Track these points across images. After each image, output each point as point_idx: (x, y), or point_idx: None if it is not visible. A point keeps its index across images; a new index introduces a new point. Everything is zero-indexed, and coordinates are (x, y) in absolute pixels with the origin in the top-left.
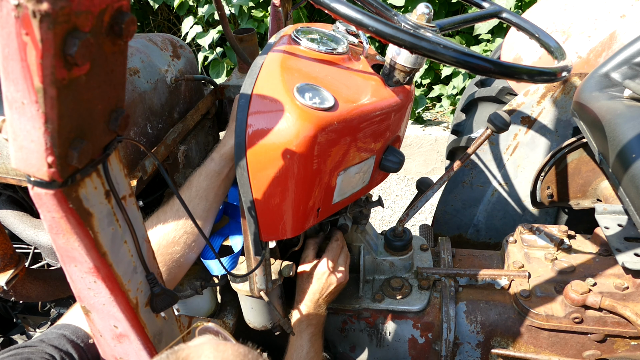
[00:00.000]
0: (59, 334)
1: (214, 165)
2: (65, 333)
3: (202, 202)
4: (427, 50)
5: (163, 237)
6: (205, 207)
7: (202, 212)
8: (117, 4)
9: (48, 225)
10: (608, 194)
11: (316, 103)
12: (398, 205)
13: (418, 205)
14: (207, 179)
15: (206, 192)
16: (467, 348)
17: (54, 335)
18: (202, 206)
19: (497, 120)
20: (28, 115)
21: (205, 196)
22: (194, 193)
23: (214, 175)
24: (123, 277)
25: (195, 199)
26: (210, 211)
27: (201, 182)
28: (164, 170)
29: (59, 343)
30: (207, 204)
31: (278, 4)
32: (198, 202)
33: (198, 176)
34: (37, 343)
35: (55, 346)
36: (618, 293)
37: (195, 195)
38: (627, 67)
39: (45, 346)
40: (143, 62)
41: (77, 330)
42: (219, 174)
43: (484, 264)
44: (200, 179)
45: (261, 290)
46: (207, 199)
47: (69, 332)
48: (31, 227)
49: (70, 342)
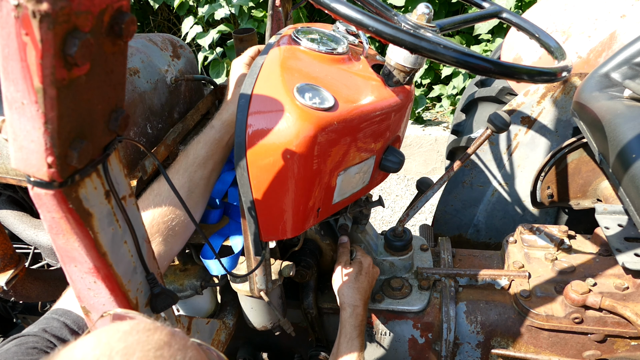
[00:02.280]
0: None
1: (214, 132)
2: (67, 322)
3: (200, 169)
4: (427, 50)
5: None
6: (203, 174)
7: (199, 180)
8: (117, 4)
9: (48, 225)
10: (608, 194)
11: (316, 103)
12: (398, 205)
13: (418, 205)
14: (206, 146)
15: (205, 160)
16: (467, 348)
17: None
18: (200, 174)
19: (497, 120)
20: (28, 115)
21: (203, 164)
22: (191, 161)
23: (214, 143)
24: (123, 277)
25: (192, 167)
26: (209, 179)
27: (199, 150)
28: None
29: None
30: (205, 171)
31: (278, 4)
32: (195, 169)
33: (196, 144)
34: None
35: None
36: (618, 293)
37: (193, 163)
38: (627, 67)
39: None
40: (143, 62)
41: (78, 319)
42: (219, 142)
43: (484, 264)
44: (199, 147)
45: (261, 291)
46: (206, 167)
47: (70, 321)
48: (31, 227)
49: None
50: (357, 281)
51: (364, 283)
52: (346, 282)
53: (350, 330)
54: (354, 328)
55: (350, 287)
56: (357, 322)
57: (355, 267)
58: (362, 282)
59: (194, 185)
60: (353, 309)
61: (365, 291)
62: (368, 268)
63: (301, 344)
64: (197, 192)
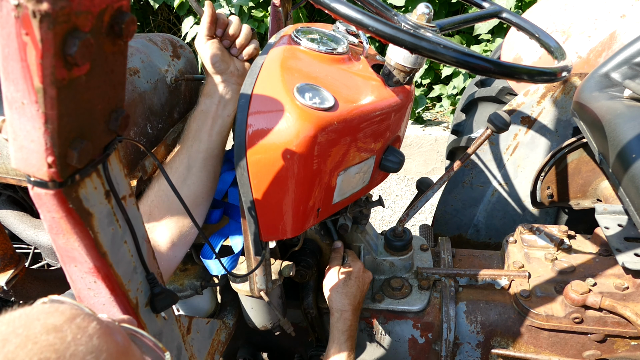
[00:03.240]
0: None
1: (199, 105)
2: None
3: (196, 142)
4: (427, 50)
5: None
6: (199, 147)
7: (196, 153)
8: (117, 4)
9: (48, 225)
10: (608, 194)
11: (316, 103)
12: (398, 205)
13: (418, 205)
14: (195, 120)
15: (197, 133)
16: (467, 348)
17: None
18: (196, 147)
19: (497, 120)
20: (28, 115)
21: (197, 136)
22: (186, 136)
23: (202, 115)
24: (123, 277)
25: (188, 141)
26: (207, 152)
27: (191, 125)
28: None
29: None
30: (200, 144)
31: (278, 4)
32: (191, 143)
33: (188, 122)
34: None
35: None
36: (618, 293)
37: (188, 137)
38: (627, 67)
39: None
40: (143, 62)
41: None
42: (207, 113)
43: (484, 264)
44: (190, 122)
45: (261, 291)
46: (201, 140)
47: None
48: (31, 227)
49: None
50: (346, 286)
51: (352, 288)
52: (335, 287)
53: (338, 335)
54: (342, 333)
55: (338, 292)
56: (345, 327)
57: (345, 272)
58: (350, 287)
59: (193, 160)
60: (341, 314)
61: (355, 296)
62: (358, 273)
63: (301, 344)
64: (197, 166)
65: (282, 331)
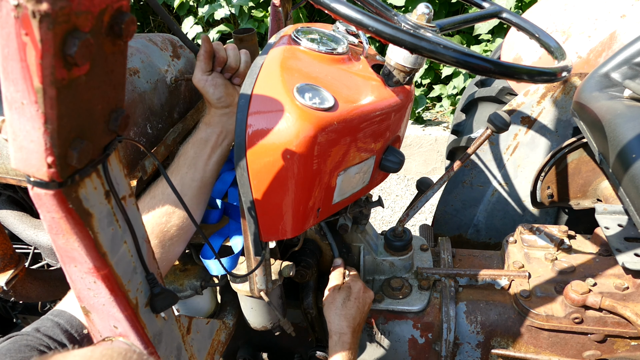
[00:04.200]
0: (54, 323)
1: (199, 132)
2: (59, 322)
3: (191, 170)
4: (427, 50)
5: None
6: (194, 176)
7: (190, 182)
8: (117, 4)
9: (48, 225)
10: (608, 194)
11: (316, 103)
12: (398, 205)
13: (418, 205)
14: (194, 147)
15: (194, 160)
16: (467, 348)
17: (49, 324)
18: (191, 175)
19: (497, 120)
20: (28, 115)
21: (193, 164)
22: (182, 162)
23: (201, 143)
24: (123, 278)
25: (184, 168)
26: (201, 181)
27: (188, 151)
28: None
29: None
30: (195, 172)
31: (278, 4)
32: (186, 170)
33: (186, 145)
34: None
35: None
36: (618, 293)
37: (183, 164)
38: (627, 67)
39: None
40: (143, 62)
41: (71, 319)
42: (206, 142)
43: (484, 264)
44: (187, 148)
45: (261, 291)
46: (196, 168)
47: (63, 320)
48: (31, 227)
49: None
50: (345, 307)
51: (352, 309)
52: (334, 308)
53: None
54: (341, 357)
55: (337, 313)
56: (344, 350)
57: (344, 292)
58: (349, 309)
59: (186, 188)
60: (339, 337)
61: (354, 318)
62: (358, 293)
63: (301, 344)
64: (190, 194)
65: (282, 331)
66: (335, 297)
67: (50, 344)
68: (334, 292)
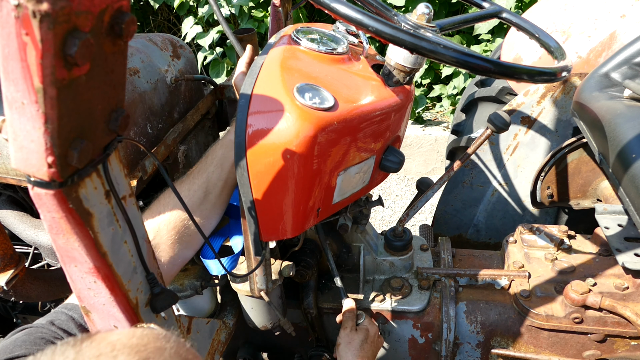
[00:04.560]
0: (68, 316)
1: (230, 135)
2: (74, 316)
3: (218, 170)
4: (427, 50)
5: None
6: (220, 176)
7: (216, 181)
8: (117, 4)
9: (48, 225)
10: (608, 194)
11: (316, 103)
12: (398, 205)
13: (418, 205)
14: (223, 147)
15: (221, 161)
16: (467, 348)
17: (64, 317)
18: (217, 174)
19: (497, 120)
20: (28, 115)
21: (220, 164)
22: (209, 161)
23: (230, 145)
24: (123, 277)
25: (211, 167)
26: (226, 182)
27: (217, 151)
28: (164, 170)
29: (68, 326)
30: (222, 173)
31: (278, 4)
32: (213, 170)
33: (215, 145)
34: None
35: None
36: (618, 293)
37: (211, 163)
38: (627, 67)
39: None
40: (143, 62)
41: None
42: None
43: (484, 264)
44: (216, 148)
45: (261, 291)
46: (223, 168)
47: (77, 315)
48: (31, 227)
49: (78, 326)
50: (362, 349)
51: (368, 352)
52: (352, 349)
53: None
54: None
55: (354, 354)
56: None
57: (362, 334)
58: (366, 351)
59: (211, 186)
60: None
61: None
62: (374, 337)
63: (301, 344)
64: (214, 193)
65: (282, 331)
66: (354, 338)
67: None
68: (351, 332)
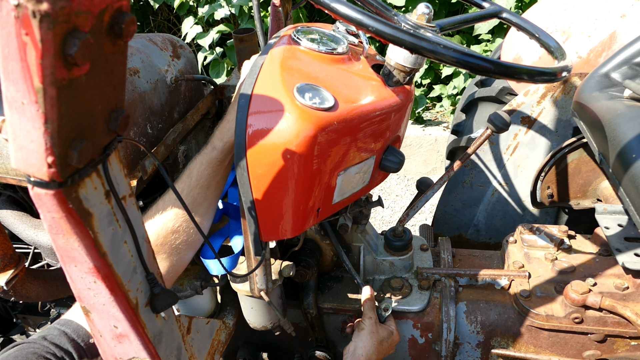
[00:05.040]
0: (61, 332)
1: (217, 154)
2: (66, 331)
3: (204, 190)
4: (427, 50)
5: (162, 225)
6: (206, 195)
7: (203, 201)
8: (117, 4)
9: (48, 225)
10: (608, 194)
11: (316, 103)
12: (398, 205)
13: (418, 205)
14: (209, 167)
15: (208, 181)
16: (467, 348)
17: (56, 332)
18: (204, 195)
19: (497, 120)
20: (28, 115)
21: (207, 185)
22: (194, 182)
23: (217, 164)
24: (123, 277)
25: (196, 189)
26: (213, 199)
27: (203, 171)
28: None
29: (60, 341)
30: (208, 192)
31: (278, 4)
32: (199, 191)
33: (199, 165)
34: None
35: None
36: (618, 293)
37: (197, 185)
38: (627, 67)
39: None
40: (143, 62)
41: (78, 328)
42: (222, 163)
43: (484, 264)
44: (202, 169)
45: (261, 291)
46: (209, 188)
47: (70, 330)
48: (31, 227)
49: (71, 341)
50: (381, 346)
51: (385, 350)
52: (372, 340)
53: None
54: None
55: (374, 346)
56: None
57: (386, 332)
58: (384, 350)
59: (197, 206)
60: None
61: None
62: (394, 340)
63: (301, 344)
64: (200, 212)
65: (282, 331)
66: (378, 331)
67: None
68: (376, 324)
